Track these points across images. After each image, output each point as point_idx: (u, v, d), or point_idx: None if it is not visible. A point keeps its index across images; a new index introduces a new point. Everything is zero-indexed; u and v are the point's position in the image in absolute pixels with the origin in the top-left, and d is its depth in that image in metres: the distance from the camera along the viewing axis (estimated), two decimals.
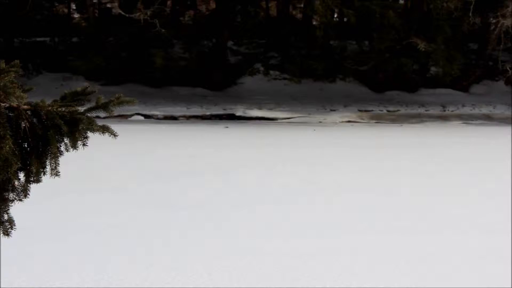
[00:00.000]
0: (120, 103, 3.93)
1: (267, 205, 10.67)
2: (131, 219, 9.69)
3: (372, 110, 29.67)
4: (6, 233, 3.83)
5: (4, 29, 32.42)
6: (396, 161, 15.16)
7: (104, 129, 3.88)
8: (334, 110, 29.28)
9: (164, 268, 7.58)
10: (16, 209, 3.96)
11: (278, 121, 26.63)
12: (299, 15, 38.49)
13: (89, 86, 3.99)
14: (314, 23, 34.87)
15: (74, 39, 34.51)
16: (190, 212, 10.14)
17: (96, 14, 37.04)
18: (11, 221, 3.85)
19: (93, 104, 3.95)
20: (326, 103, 30.68)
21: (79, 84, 26.63)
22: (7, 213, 3.84)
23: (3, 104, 3.75)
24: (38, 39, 33.91)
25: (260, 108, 28.99)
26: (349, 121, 26.59)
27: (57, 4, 36.56)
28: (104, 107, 3.91)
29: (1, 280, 7.12)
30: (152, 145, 17.43)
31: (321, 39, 31.71)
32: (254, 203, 10.78)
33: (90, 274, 7.38)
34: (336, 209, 10.44)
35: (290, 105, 29.89)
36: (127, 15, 28.76)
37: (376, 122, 26.44)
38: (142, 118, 25.95)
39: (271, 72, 34.29)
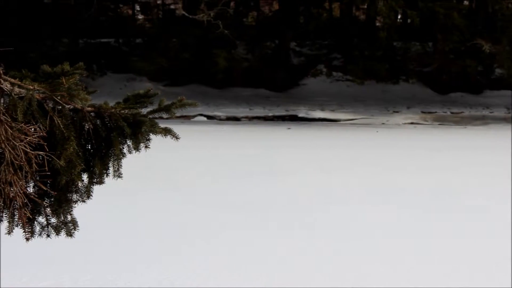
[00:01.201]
0: (183, 105, 3.95)
1: (331, 206, 10.62)
2: (193, 219, 9.72)
3: (435, 112, 29.37)
4: (69, 234, 3.88)
5: (69, 30, 32.86)
6: (459, 164, 14.98)
7: (167, 132, 3.90)
8: (397, 112, 29.05)
9: (227, 268, 7.59)
10: (79, 210, 4.00)
11: (341, 122, 26.51)
12: (362, 17, 38.30)
13: (152, 89, 4.02)
14: (377, 24, 34.68)
15: (138, 40, 34.82)
16: (253, 213, 10.15)
17: (160, 16, 37.34)
18: (74, 222, 3.90)
19: (155, 106, 3.98)
20: (389, 104, 30.47)
21: (142, 85, 26.94)
22: (71, 214, 3.89)
23: (68, 106, 3.79)
24: (102, 40, 34.31)
25: (322, 109, 28.90)
26: (412, 123, 26.34)
27: (121, 6, 36.94)
28: (167, 109, 3.93)
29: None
30: (214, 146, 17.49)
31: (384, 40, 31.54)
32: (317, 204, 10.74)
33: (153, 274, 7.42)
34: (400, 211, 10.35)
35: (353, 106, 29.75)
36: (190, 16, 28.90)
37: (439, 124, 26.16)
38: (204, 119, 26.04)
39: (334, 73, 34.18)
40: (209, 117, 26.58)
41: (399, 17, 35.85)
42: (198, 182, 12.57)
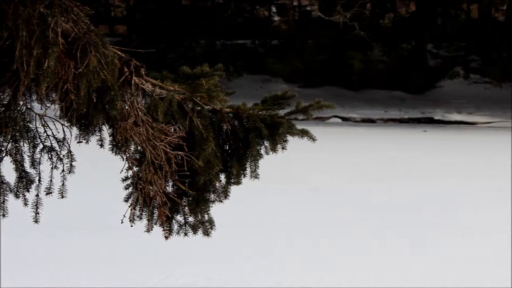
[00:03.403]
0: (320, 107, 3.94)
1: (468, 209, 10.42)
2: (327, 221, 9.71)
3: None
4: (206, 233, 3.93)
5: (206, 31, 33.38)
6: None
7: (304, 133, 3.91)
8: None
9: (366, 268, 7.55)
10: (216, 210, 4.04)
11: (478, 125, 25.94)
12: (501, 18, 37.35)
13: (289, 90, 4.03)
14: None
15: (274, 42, 35.03)
16: (388, 215, 10.06)
17: (296, 17, 37.48)
18: (211, 222, 3.94)
19: (293, 108, 3.99)
20: None
21: (278, 87, 27.13)
22: (208, 214, 3.94)
23: (207, 107, 3.85)
24: (239, 41, 34.68)
25: (459, 112, 28.36)
26: None
27: (258, 7, 37.24)
28: (304, 111, 3.93)
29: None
30: (349, 147, 17.43)
31: None
32: (452, 208, 10.57)
33: (288, 274, 7.46)
34: None
35: (491, 109, 29.05)
36: (326, 18, 28.88)
37: None
38: (339, 120, 25.98)
39: (472, 75, 33.48)
40: (344, 119, 26.50)
41: None
42: (332, 184, 12.55)
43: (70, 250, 8.28)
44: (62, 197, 3.71)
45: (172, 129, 3.73)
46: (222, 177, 3.92)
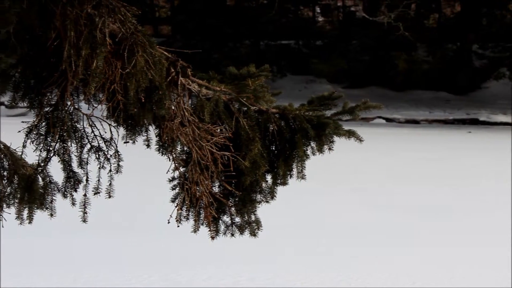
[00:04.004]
0: (367, 108, 3.92)
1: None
2: (373, 221, 9.67)
3: None
4: (253, 234, 3.92)
5: (250, 32, 33.42)
6: None
7: (350, 134, 3.88)
8: None
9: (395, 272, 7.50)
10: (262, 210, 4.03)
11: None
12: None
13: (335, 91, 4.02)
14: None
15: (318, 42, 34.97)
16: (433, 216, 9.99)
17: (340, 18, 37.38)
18: (258, 222, 3.94)
19: (339, 108, 3.97)
20: None
21: (322, 87, 27.06)
22: (255, 214, 3.93)
23: (253, 108, 3.84)
24: (283, 42, 34.67)
25: (504, 113, 28.05)
26: None
27: (302, 8, 37.20)
28: (351, 112, 3.91)
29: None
30: (393, 148, 17.34)
31: None
32: (497, 209, 10.46)
33: (331, 274, 7.43)
34: None
35: None
36: (370, 18, 28.74)
37: None
38: (383, 121, 25.86)
39: None
40: (388, 119, 26.37)
41: None
42: (377, 184, 12.49)
43: (114, 251, 8.33)
44: (110, 196, 3.73)
45: (218, 130, 3.73)
46: (269, 177, 3.91)
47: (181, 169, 3.77)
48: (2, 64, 3.65)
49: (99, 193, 3.73)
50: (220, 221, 3.90)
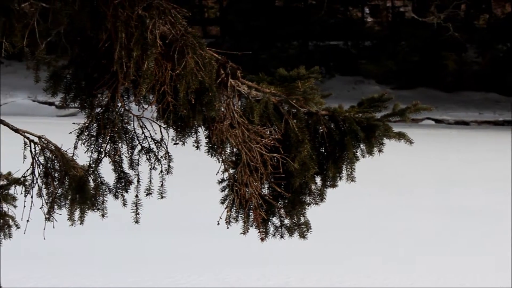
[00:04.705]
0: (417, 110, 3.89)
1: None
2: (421, 222, 9.60)
3: None
4: (302, 236, 3.91)
5: (299, 32, 33.38)
6: None
7: (400, 136, 3.85)
8: None
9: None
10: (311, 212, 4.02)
11: None
12: None
13: (386, 93, 3.98)
14: None
15: (367, 43, 34.81)
16: (486, 218, 9.89)
17: (389, 18, 37.17)
18: (307, 224, 3.93)
19: (389, 110, 3.94)
20: None
21: (370, 88, 26.95)
22: (304, 216, 3.92)
23: (303, 110, 3.83)
24: (331, 42, 34.56)
25: None
26: None
27: (351, 8, 37.07)
28: (401, 114, 3.88)
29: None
30: (442, 150, 17.21)
31: None
32: None
33: (382, 275, 7.39)
34: None
35: None
36: (420, 19, 28.57)
37: None
38: (432, 122, 25.67)
39: None
40: (437, 120, 26.17)
41: None
42: (425, 186, 12.41)
43: (162, 251, 8.38)
44: (162, 197, 3.74)
45: (268, 131, 3.72)
46: (318, 179, 3.90)
47: (231, 171, 3.77)
48: (53, 66, 3.68)
49: (151, 193, 3.74)
50: (270, 223, 3.89)
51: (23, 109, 26.42)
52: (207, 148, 3.76)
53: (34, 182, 3.90)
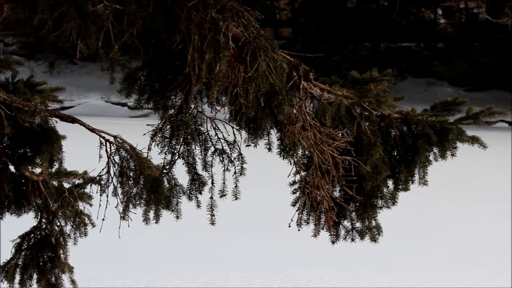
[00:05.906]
0: (491, 114, 3.85)
1: None
2: (496, 226, 9.49)
3: None
4: (374, 239, 3.89)
5: (371, 34, 33.20)
6: None
7: (474, 140, 3.82)
8: None
9: None
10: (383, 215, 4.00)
11: None
12: None
13: (460, 96, 3.95)
14: None
15: (440, 45, 34.44)
16: None
17: (463, 20, 36.72)
18: (378, 228, 3.91)
19: (462, 113, 3.90)
20: None
21: (443, 90, 26.63)
22: (375, 220, 3.90)
23: (375, 112, 3.82)
24: (403, 44, 34.28)
25: None
26: None
27: (423, 10, 36.72)
28: (475, 117, 3.84)
29: None
30: None
31: None
32: None
33: (454, 275, 7.33)
34: None
35: None
36: (494, 21, 28.18)
37: None
38: (506, 125, 25.30)
39: None
40: (511, 123, 25.78)
41: None
42: (499, 189, 12.24)
43: (232, 251, 8.43)
44: (236, 198, 3.75)
45: (340, 134, 3.72)
46: (390, 183, 3.88)
47: (302, 173, 3.77)
48: (127, 67, 3.73)
49: (225, 195, 3.76)
50: (341, 226, 3.89)
51: (96, 110, 26.82)
52: (279, 150, 3.77)
53: (110, 181, 3.96)
